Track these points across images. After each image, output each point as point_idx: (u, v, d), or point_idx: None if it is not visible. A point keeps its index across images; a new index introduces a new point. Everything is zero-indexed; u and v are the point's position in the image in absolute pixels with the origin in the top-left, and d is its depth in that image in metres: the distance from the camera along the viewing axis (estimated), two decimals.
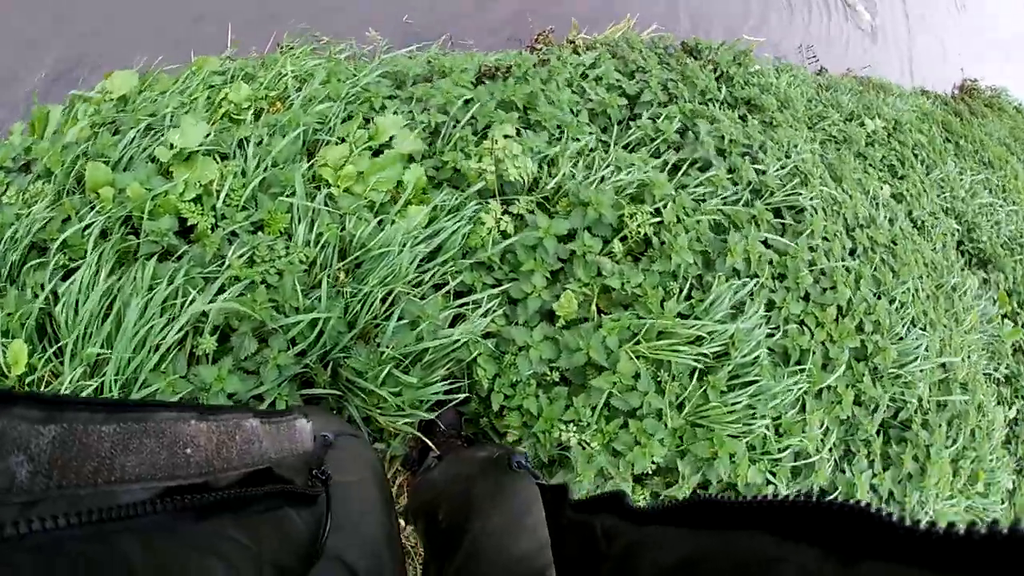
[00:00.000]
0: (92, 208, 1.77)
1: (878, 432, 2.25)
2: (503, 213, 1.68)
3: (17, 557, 0.25)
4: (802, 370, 1.81)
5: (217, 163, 1.90)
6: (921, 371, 2.38)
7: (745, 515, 0.35)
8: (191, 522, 0.37)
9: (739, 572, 0.33)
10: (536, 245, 1.64)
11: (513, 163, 1.71)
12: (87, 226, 1.72)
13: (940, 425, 2.46)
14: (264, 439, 0.48)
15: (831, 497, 1.83)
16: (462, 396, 1.58)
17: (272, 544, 0.45)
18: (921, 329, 2.48)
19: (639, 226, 1.67)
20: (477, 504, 0.96)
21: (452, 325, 1.58)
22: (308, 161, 2.00)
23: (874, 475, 2.15)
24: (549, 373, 1.57)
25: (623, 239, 1.71)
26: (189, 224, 1.77)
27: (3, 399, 0.27)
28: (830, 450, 2.01)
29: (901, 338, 2.31)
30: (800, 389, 1.79)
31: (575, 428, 1.46)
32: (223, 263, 1.65)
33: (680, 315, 1.61)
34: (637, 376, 1.52)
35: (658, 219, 1.70)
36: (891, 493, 2.19)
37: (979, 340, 3.14)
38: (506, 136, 1.78)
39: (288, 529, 0.50)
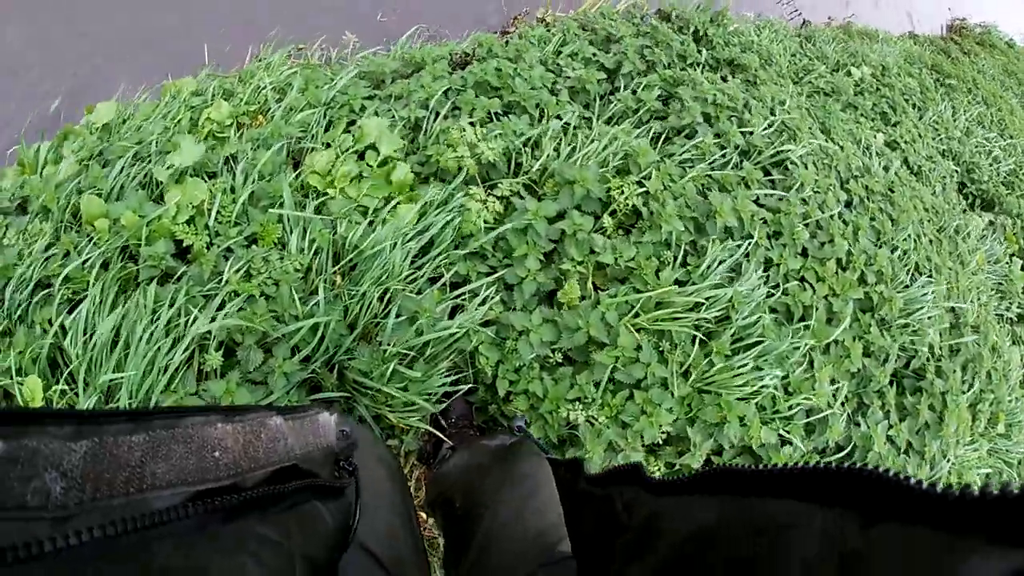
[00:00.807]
0: (90, 241, 1.82)
1: (891, 383, 2.25)
2: (488, 195, 1.69)
3: (56, 573, 0.26)
4: (806, 327, 1.82)
5: (206, 182, 1.93)
6: (929, 318, 2.38)
7: (762, 482, 0.36)
8: (221, 523, 0.38)
9: (756, 537, 0.34)
10: (527, 228, 1.65)
11: (487, 145, 1.71)
12: (87, 259, 1.77)
13: (954, 371, 2.45)
14: (289, 436, 0.49)
15: (846, 452, 1.84)
16: (468, 386, 1.59)
17: (301, 538, 0.46)
18: (926, 275, 2.47)
19: (626, 198, 1.67)
20: (490, 494, 0.97)
21: (451, 316, 1.59)
22: (295, 170, 2.02)
23: (890, 427, 2.14)
24: (551, 355, 1.58)
25: (612, 213, 1.72)
26: (185, 245, 1.80)
27: (34, 418, 0.28)
28: (843, 404, 2.01)
29: (907, 286, 2.30)
30: (806, 346, 1.79)
31: (581, 405, 1.48)
32: (221, 280, 1.68)
33: (677, 282, 1.62)
34: (639, 348, 1.53)
35: (644, 189, 1.71)
36: (909, 444, 2.18)
37: (987, 281, 3.12)
38: (471, 122, 1.79)
39: (316, 522, 0.50)
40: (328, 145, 2.10)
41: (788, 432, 1.77)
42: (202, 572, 0.34)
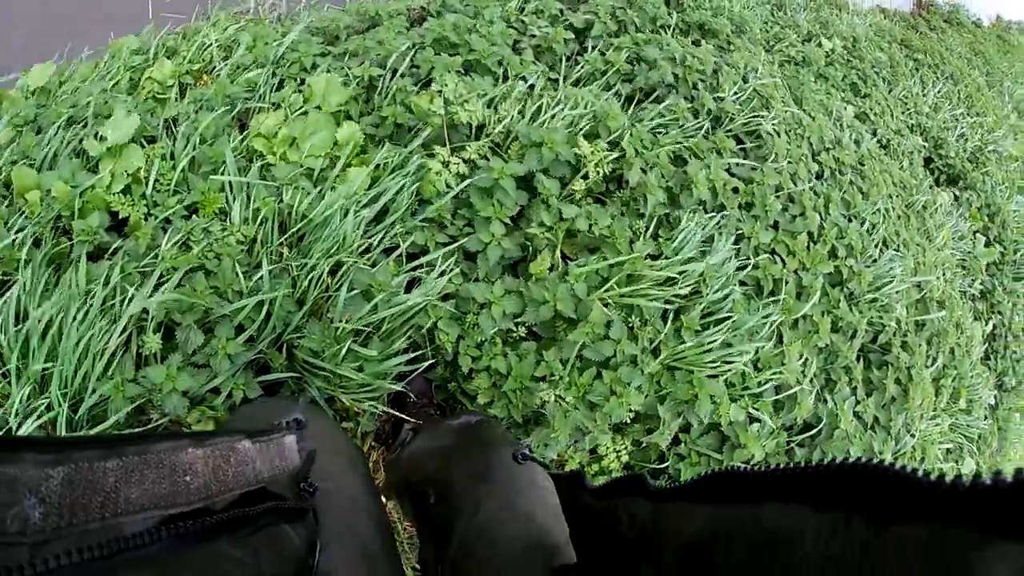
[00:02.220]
0: (21, 214, 1.67)
1: (858, 358, 2.25)
2: (451, 157, 1.59)
3: None
4: (776, 301, 1.78)
5: (143, 148, 1.79)
6: (897, 292, 2.38)
7: (760, 485, 0.35)
8: (193, 546, 0.38)
9: (756, 546, 0.33)
10: (492, 188, 1.55)
11: (463, 107, 1.60)
12: (17, 237, 1.62)
13: (920, 345, 2.47)
14: (257, 459, 0.50)
15: (816, 430, 1.83)
16: (427, 364, 1.51)
17: (270, 559, 0.46)
18: (894, 250, 2.47)
19: (597, 164, 1.59)
20: (464, 485, 0.92)
21: (408, 290, 1.50)
22: (241, 133, 1.88)
23: (857, 402, 2.15)
24: (515, 329, 1.50)
25: (585, 177, 1.63)
26: (121, 217, 1.67)
27: (13, 446, 0.29)
28: (811, 380, 2.00)
29: (875, 260, 2.30)
30: (775, 321, 1.76)
31: (547, 384, 1.41)
32: (159, 254, 1.55)
33: (649, 256, 1.55)
34: (609, 325, 1.47)
35: (616, 154, 1.63)
36: (876, 419, 2.20)
37: (953, 257, 3.17)
38: (454, 79, 1.67)
39: (285, 544, 0.51)
40: (277, 106, 1.96)
41: (757, 409, 1.74)
42: None
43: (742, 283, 1.77)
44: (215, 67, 2.20)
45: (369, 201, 1.56)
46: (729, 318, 1.62)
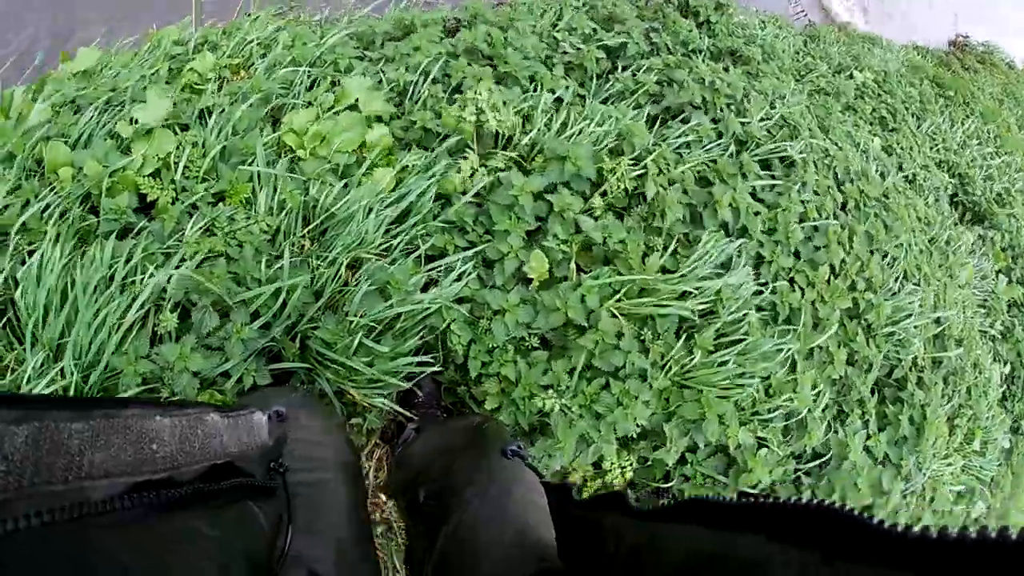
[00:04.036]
0: (52, 190, 1.70)
1: (872, 391, 2.18)
2: (481, 165, 1.58)
3: (5, 554, 0.25)
4: (792, 329, 1.74)
5: (177, 135, 1.81)
6: (915, 327, 2.31)
7: (735, 515, 0.37)
8: (158, 515, 0.37)
9: (737, 571, 0.35)
10: (512, 204, 1.54)
11: (495, 115, 1.60)
12: (46, 208, 1.64)
13: (936, 383, 2.39)
14: (224, 433, 0.49)
15: (824, 460, 1.77)
16: (437, 366, 1.49)
17: (237, 535, 0.46)
18: (914, 284, 2.40)
19: (619, 179, 1.57)
20: (456, 488, 0.90)
21: (424, 291, 1.49)
22: (273, 128, 1.90)
23: (868, 436, 2.08)
24: (527, 338, 1.48)
25: (603, 194, 1.61)
26: (150, 200, 1.68)
27: None
28: (823, 410, 1.94)
29: (894, 293, 2.24)
30: (790, 349, 1.71)
31: (555, 393, 1.38)
32: (182, 237, 1.56)
33: (664, 270, 1.52)
34: (620, 335, 1.44)
35: (639, 171, 1.61)
36: (887, 456, 2.12)
37: (974, 296, 3.07)
38: (489, 89, 1.67)
39: (251, 522, 0.50)
40: (310, 104, 1.97)
41: (766, 434, 1.69)
42: (157, 562, 0.34)
43: (759, 308, 1.73)
44: (253, 63, 2.22)
45: (393, 201, 1.55)
46: (743, 341, 1.58)
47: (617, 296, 1.49)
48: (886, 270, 2.20)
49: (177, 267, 1.50)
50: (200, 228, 1.57)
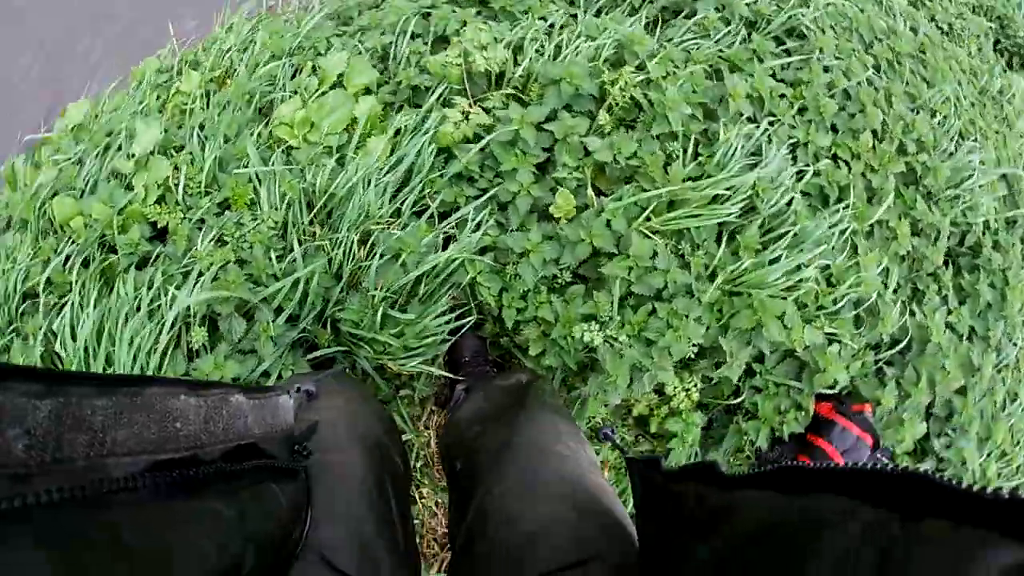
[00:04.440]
0: (70, 241, 1.72)
1: (945, 263, 1.97)
2: (472, 107, 1.46)
3: (13, 529, 0.25)
4: (845, 207, 1.56)
5: (172, 157, 1.79)
6: (980, 187, 2.07)
7: (818, 479, 0.37)
8: (179, 495, 0.36)
9: (812, 530, 0.35)
10: (514, 139, 1.42)
11: (482, 53, 1.47)
12: (67, 259, 1.66)
13: (1013, 245, 2.16)
14: (249, 414, 0.47)
15: (903, 345, 1.60)
16: (472, 320, 1.41)
17: (255, 515, 0.44)
18: (972, 141, 2.15)
19: (622, 89, 1.42)
20: (488, 456, 0.84)
21: (445, 248, 1.39)
22: (266, 125, 1.84)
23: (949, 312, 1.89)
24: (559, 274, 1.37)
25: (609, 110, 1.47)
26: (161, 226, 1.68)
27: (2, 374, 0.27)
28: (894, 292, 1.76)
29: (951, 153, 2.00)
30: (846, 230, 1.54)
31: (597, 325, 1.28)
32: (195, 253, 1.54)
33: (690, 179, 1.38)
34: (655, 255, 1.31)
35: (643, 77, 1.45)
36: (972, 329, 1.92)
37: None
38: (474, 29, 1.54)
39: (272, 503, 0.48)
40: (295, 93, 1.89)
41: (835, 329, 1.54)
42: (159, 540, 0.33)
43: (804, 193, 1.56)
44: (236, 69, 2.16)
45: (392, 167, 1.46)
46: (791, 232, 1.42)
47: (645, 214, 1.36)
48: (936, 129, 1.96)
49: (197, 283, 1.47)
50: (211, 240, 1.55)
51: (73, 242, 1.76)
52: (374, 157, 1.47)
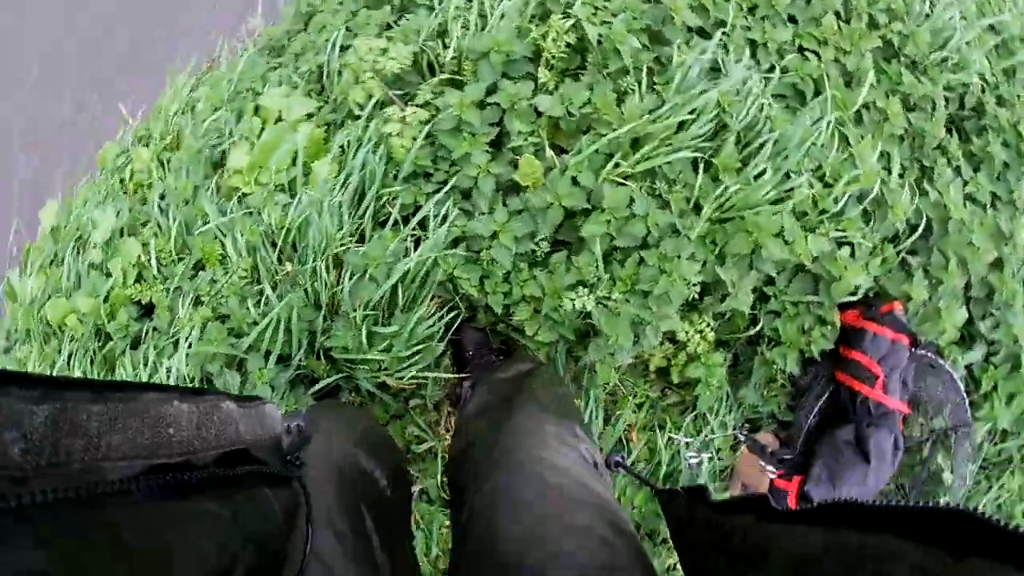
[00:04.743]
0: (71, 339, 1.72)
1: (949, 132, 1.82)
2: (406, 108, 1.39)
3: (13, 529, 0.25)
4: (823, 100, 1.43)
5: (140, 234, 1.78)
6: (967, 43, 1.91)
7: (870, 517, 0.37)
8: (174, 496, 0.37)
9: (857, 566, 0.35)
10: (458, 124, 1.34)
11: (387, 57, 1.40)
12: (70, 357, 1.67)
13: (1018, 95, 1.99)
14: (240, 421, 0.47)
15: (921, 230, 1.47)
16: (460, 315, 1.34)
17: (252, 518, 0.44)
18: None
19: (555, 40, 1.33)
20: (471, 472, 0.80)
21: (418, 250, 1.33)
22: (220, 177, 1.81)
23: (965, 183, 1.74)
24: (537, 247, 1.29)
25: (548, 67, 1.38)
26: (145, 303, 1.67)
27: (1, 380, 0.27)
28: (900, 176, 1.63)
29: (927, 16, 1.84)
30: (831, 123, 1.42)
31: (586, 290, 1.19)
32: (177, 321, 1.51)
33: (649, 112, 1.28)
34: (631, 202, 1.22)
35: (573, 21, 1.35)
36: (994, 195, 1.76)
37: None
38: (366, 39, 1.47)
39: (266, 508, 0.48)
40: (245, 138, 1.85)
41: (843, 231, 1.42)
42: (158, 540, 0.33)
43: (777, 97, 1.44)
44: (183, 131, 2.13)
45: (341, 187, 1.40)
46: (771, 141, 1.31)
47: (612, 162, 1.27)
48: None
49: (187, 348, 1.44)
50: (190, 304, 1.52)
51: (73, 339, 1.78)
52: (322, 181, 1.41)
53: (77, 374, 1.69)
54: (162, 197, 1.87)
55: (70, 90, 2.72)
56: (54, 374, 1.66)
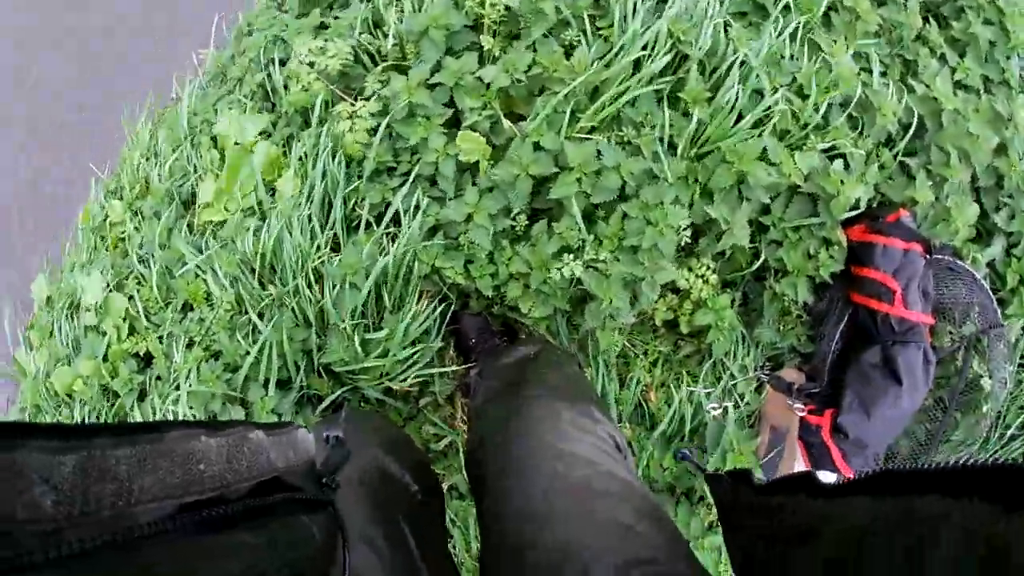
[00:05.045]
0: (83, 405, 1.72)
1: (926, 20, 1.72)
2: (355, 104, 1.34)
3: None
4: (787, 8, 1.35)
5: (125, 286, 1.77)
6: None
7: (911, 481, 0.37)
8: (209, 533, 0.36)
9: (909, 530, 0.35)
10: (410, 111, 1.29)
11: (327, 56, 1.35)
12: (83, 421, 1.71)
13: None
14: (271, 450, 0.46)
15: (914, 127, 1.39)
16: (451, 305, 1.30)
17: (288, 549, 0.43)
18: None
19: (493, 5, 1.26)
20: (484, 474, 0.77)
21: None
22: (193, 215, 1.78)
23: (953, 71, 1.65)
24: (516, 221, 1.24)
25: (491, 33, 1.31)
26: (143, 354, 1.66)
27: (22, 432, 0.27)
28: (883, 75, 1.54)
29: None
30: (797, 27, 1.33)
31: (572, 256, 1.14)
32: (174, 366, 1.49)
33: (600, 59, 1.21)
34: (598, 155, 1.16)
35: None
36: (985, 79, 1.66)
37: None
38: (303, 43, 1.42)
39: (303, 534, 0.47)
40: (208, 171, 1.82)
41: (831, 142, 1.35)
42: (191, 571, 0.33)
43: (737, 15, 1.36)
44: (149, 177, 2.11)
45: (307, 199, 1.36)
46: (737, 62, 1.24)
47: (572, 118, 1.21)
48: None
49: (188, 391, 1.42)
50: (183, 346, 1.50)
51: (83, 403, 1.78)
52: (287, 197, 1.37)
53: None
54: (141, 247, 1.85)
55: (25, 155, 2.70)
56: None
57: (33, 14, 2.84)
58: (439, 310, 1.29)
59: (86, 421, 1.73)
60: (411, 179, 1.31)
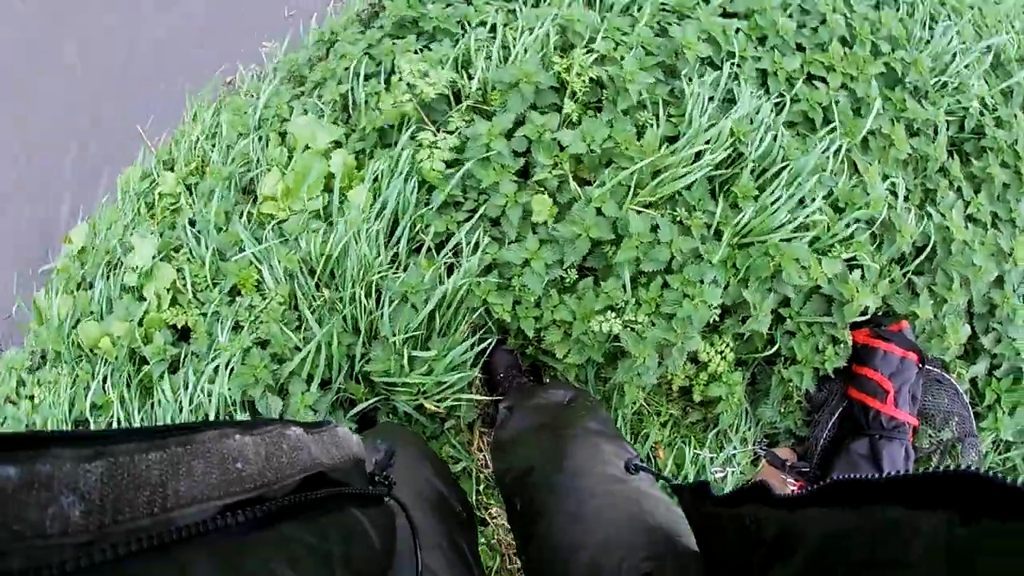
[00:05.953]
0: (105, 362, 1.76)
1: (950, 154, 1.90)
2: (438, 134, 1.45)
3: None
4: (832, 129, 1.51)
5: (173, 259, 1.82)
6: (966, 67, 1.99)
7: (873, 491, 0.38)
8: (254, 531, 0.35)
9: (876, 541, 0.35)
10: (487, 154, 1.41)
11: (425, 81, 1.46)
12: (105, 380, 1.71)
13: (1015, 116, 2.06)
14: (311, 445, 0.46)
15: (927, 251, 1.54)
16: (493, 340, 1.41)
17: (340, 543, 0.43)
18: (944, 23, 2.06)
19: (579, 74, 1.40)
20: (537, 499, 0.85)
21: (451, 276, 1.39)
22: (252, 204, 1.86)
23: (967, 204, 1.81)
24: (566, 274, 1.36)
25: (573, 97, 1.45)
26: (181, 327, 1.71)
27: (44, 441, 0.26)
28: (906, 199, 1.70)
29: (927, 41, 1.92)
30: (840, 148, 1.49)
31: (614, 314, 1.26)
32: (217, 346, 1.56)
33: (667, 142, 1.35)
34: (655, 229, 1.29)
35: (596, 55, 1.42)
36: (994, 215, 1.84)
37: (1018, 5, 2.63)
38: (409, 59, 1.54)
39: (355, 529, 0.47)
40: (271, 166, 1.91)
41: (853, 253, 1.49)
42: (233, 571, 0.32)
43: (788, 124, 1.51)
44: (210, 157, 2.19)
45: (377, 214, 1.46)
46: (785, 167, 1.38)
47: (633, 192, 1.34)
48: (906, 19, 1.88)
49: (228, 373, 1.49)
50: (229, 329, 1.57)
51: (107, 362, 1.80)
52: (358, 209, 1.47)
53: (113, 396, 1.72)
54: (191, 223, 1.91)
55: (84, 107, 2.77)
56: (91, 400, 1.70)
57: None
58: (483, 343, 1.39)
59: (107, 379, 1.77)
60: (476, 217, 1.42)
